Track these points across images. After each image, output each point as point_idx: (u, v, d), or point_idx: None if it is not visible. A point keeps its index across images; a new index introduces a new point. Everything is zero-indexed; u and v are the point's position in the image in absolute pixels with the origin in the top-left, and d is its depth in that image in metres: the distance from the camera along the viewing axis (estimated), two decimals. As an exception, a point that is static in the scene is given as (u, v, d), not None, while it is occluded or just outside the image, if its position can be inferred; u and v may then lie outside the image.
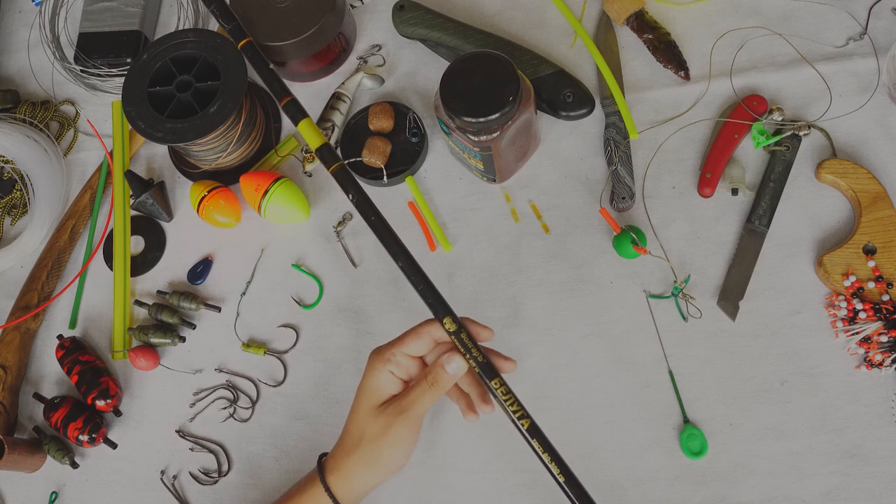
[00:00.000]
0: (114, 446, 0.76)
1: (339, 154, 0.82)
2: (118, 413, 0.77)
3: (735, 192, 0.73)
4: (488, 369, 0.56)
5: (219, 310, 0.80)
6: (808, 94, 0.76)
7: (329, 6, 0.79)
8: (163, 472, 0.75)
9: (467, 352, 0.56)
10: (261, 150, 0.86)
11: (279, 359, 0.77)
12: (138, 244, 0.85)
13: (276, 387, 0.76)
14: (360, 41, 0.89)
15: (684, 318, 0.71)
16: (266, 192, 0.78)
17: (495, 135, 0.69)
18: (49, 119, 0.93)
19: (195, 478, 0.75)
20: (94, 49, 0.92)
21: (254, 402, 0.76)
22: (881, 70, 0.75)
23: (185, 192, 0.86)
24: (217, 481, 0.74)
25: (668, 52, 0.79)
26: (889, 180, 0.71)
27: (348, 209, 0.82)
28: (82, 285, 0.85)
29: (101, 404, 0.76)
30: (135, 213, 0.86)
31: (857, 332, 0.66)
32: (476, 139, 0.70)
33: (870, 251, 0.68)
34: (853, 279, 0.67)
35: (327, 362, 0.76)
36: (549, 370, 0.71)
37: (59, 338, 0.80)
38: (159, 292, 0.82)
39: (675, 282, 0.71)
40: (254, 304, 0.80)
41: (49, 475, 0.78)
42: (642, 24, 0.80)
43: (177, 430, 0.77)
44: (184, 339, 0.79)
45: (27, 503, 0.77)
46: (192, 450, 0.76)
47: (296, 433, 0.74)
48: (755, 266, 0.71)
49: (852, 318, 0.67)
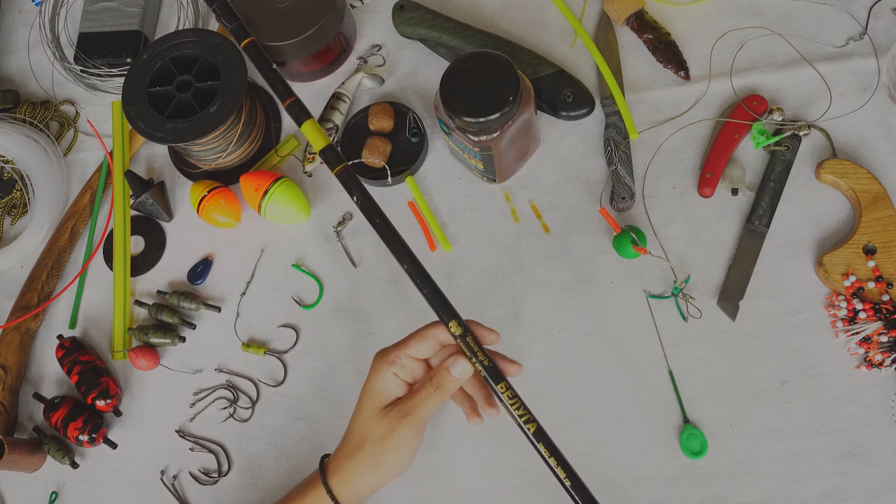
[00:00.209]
0: (114, 446, 0.76)
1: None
2: (118, 413, 0.77)
3: (735, 192, 0.73)
4: (494, 373, 0.55)
5: (219, 310, 0.80)
6: (808, 94, 0.76)
7: (329, 6, 0.79)
8: (163, 472, 0.75)
9: (473, 356, 0.55)
10: (261, 150, 0.86)
11: (279, 359, 0.77)
12: (138, 244, 0.85)
13: (276, 387, 0.76)
14: (360, 41, 0.89)
15: (684, 318, 0.71)
16: (266, 192, 0.78)
17: (495, 135, 0.69)
18: (49, 119, 0.93)
19: (195, 478, 0.75)
20: (94, 49, 0.92)
21: (254, 402, 0.76)
22: (881, 70, 0.75)
23: (185, 192, 0.86)
24: (217, 481, 0.74)
25: (668, 52, 0.79)
26: (889, 180, 0.71)
27: (348, 209, 0.82)
28: (82, 285, 0.85)
29: (101, 404, 0.76)
30: (135, 213, 0.86)
31: (857, 332, 0.66)
32: (476, 139, 0.70)
33: (870, 251, 0.68)
34: (853, 279, 0.67)
35: (327, 362, 0.76)
36: (549, 370, 0.71)
37: (59, 338, 0.80)
38: (159, 292, 0.82)
39: (675, 282, 0.71)
40: (254, 304, 0.80)
41: (49, 475, 0.78)
42: (642, 24, 0.80)
43: (177, 430, 0.77)
44: (184, 339, 0.79)
45: (27, 503, 0.77)
46: (192, 450, 0.76)
47: (296, 433, 0.74)
48: (755, 266, 0.71)
49: (852, 318, 0.67)
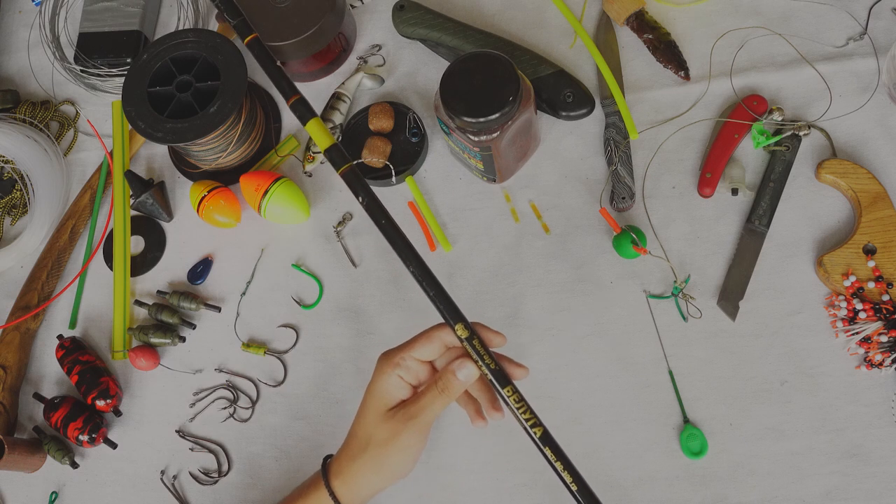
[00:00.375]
0: (114, 446, 0.76)
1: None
2: (118, 413, 0.77)
3: (735, 192, 0.73)
4: (501, 377, 0.54)
5: (219, 310, 0.80)
6: (808, 94, 0.76)
7: (329, 6, 0.79)
8: (163, 472, 0.75)
9: (479, 359, 0.55)
10: (261, 150, 0.86)
11: (279, 359, 0.77)
12: (138, 244, 0.85)
13: (276, 387, 0.76)
14: (360, 41, 0.89)
15: (684, 318, 0.71)
16: (266, 192, 0.78)
17: (495, 135, 0.69)
18: (49, 119, 0.93)
19: (195, 478, 0.75)
20: (94, 49, 0.92)
21: (254, 402, 0.76)
22: (881, 70, 0.75)
23: (185, 192, 0.86)
24: (217, 481, 0.74)
25: (668, 52, 0.79)
26: (889, 180, 0.71)
27: (348, 209, 0.82)
28: (82, 285, 0.85)
29: (101, 404, 0.76)
30: (135, 213, 0.86)
31: (857, 332, 0.66)
32: (476, 139, 0.70)
33: (870, 251, 0.68)
34: (853, 279, 0.67)
35: (327, 362, 0.76)
36: (549, 370, 0.71)
37: (59, 338, 0.80)
38: (159, 292, 0.82)
39: (675, 282, 0.71)
40: (254, 304, 0.80)
41: (49, 475, 0.78)
42: (642, 24, 0.80)
43: (177, 430, 0.77)
44: (184, 339, 0.79)
45: (27, 503, 0.77)
46: (192, 450, 0.76)
47: (296, 433, 0.74)
48: (755, 266, 0.71)
49: (852, 318, 0.67)
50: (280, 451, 0.74)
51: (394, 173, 0.79)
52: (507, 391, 0.54)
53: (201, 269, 0.82)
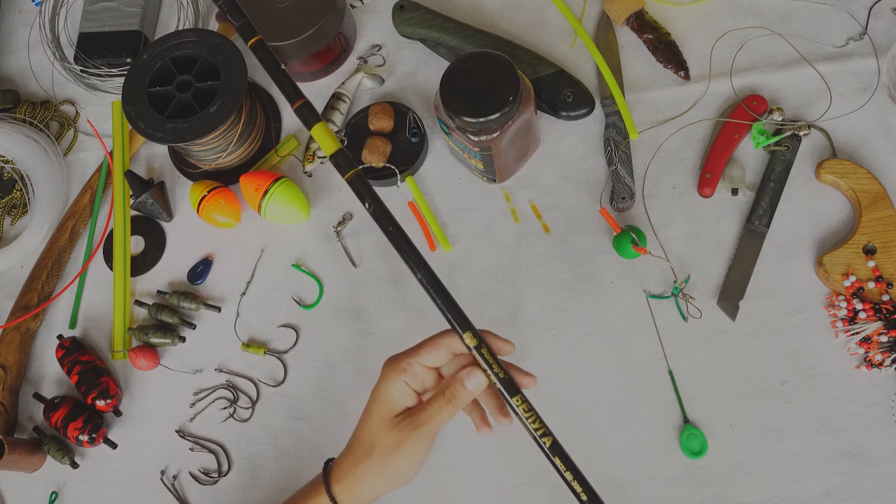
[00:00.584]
0: (114, 446, 0.76)
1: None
2: (118, 413, 0.77)
3: (735, 192, 0.73)
4: (510, 386, 0.54)
5: (219, 310, 0.80)
6: (808, 94, 0.76)
7: (329, 6, 0.79)
8: (163, 472, 0.75)
9: (488, 367, 0.54)
10: (261, 150, 0.86)
11: (279, 359, 0.77)
12: (138, 244, 0.85)
13: (276, 387, 0.76)
14: (360, 41, 0.89)
15: (684, 318, 0.71)
16: (266, 192, 0.78)
17: (495, 135, 0.69)
18: (49, 119, 0.93)
19: (195, 478, 0.75)
20: (94, 49, 0.92)
21: (254, 402, 0.76)
22: (881, 70, 0.75)
23: (185, 192, 0.86)
24: (217, 481, 0.74)
25: (668, 52, 0.79)
26: (889, 180, 0.71)
27: (348, 209, 0.82)
28: (82, 285, 0.85)
29: (101, 404, 0.76)
30: (135, 213, 0.86)
31: (857, 332, 0.66)
32: (476, 139, 0.70)
33: (870, 251, 0.68)
34: (853, 279, 0.67)
35: (327, 362, 0.76)
36: (549, 370, 0.71)
37: (59, 338, 0.80)
38: (159, 292, 0.82)
39: (675, 282, 0.71)
40: (254, 304, 0.80)
41: (49, 475, 0.78)
42: (642, 24, 0.80)
43: (177, 430, 0.77)
44: (184, 339, 0.79)
45: (27, 503, 0.77)
46: (192, 450, 0.76)
47: (296, 433, 0.74)
48: (755, 266, 0.71)
49: (852, 318, 0.67)
50: (280, 451, 0.74)
51: (399, 176, 0.79)
52: (517, 400, 0.53)
53: (201, 269, 0.82)
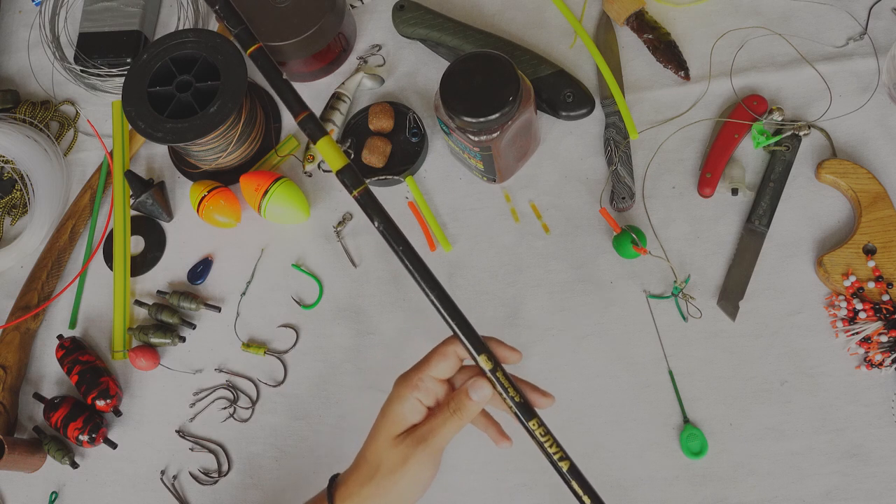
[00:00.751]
0: (114, 446, 0.76)
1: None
2: (118, 413, 0.77)
3: (735, 192, 0.73)
4: (525, 410, 0.52)
5: (219, 310, 0.80)
6: (808, 94, 0.76)
7: (329, 6, 0.79)
8: (163, 472, 0.75)
9: (504, 392, 0.52)
10: (261, 150, 0.86)
11: (279, 359, 0.77)
12: (138, 244, 0.85)
13: (276, 387, 0.76)
14: (360, 41, 0.89)
15: (684, 318, 0.71)
16: (266, 192, 0.78)
17: (495, 135, 0.69)
18: (49, 119, 0.93)
19: (195, 478, 0.75)
20: (94, 49, 0.92)
21: (254, 402, 0.76)
22: (881, 70, 0.75)
23: (185, 192, 0.86)
24: (217, 481, 0.74)
25: (668, 52, 0.79)
26: (889, 180, 0.71)
27: (348, 209, 0.82)
28: (82, 285, 0.85)
29: (101, 404, 0.76)
30: (135, 213, 0.86)
31: (857, 332, 0.66)
32: (476, 139, 0.70)
33: (870, 251, 0.68)
34: (853, 279, 0.67)
35: (327, 362, 0.76)
36: (549, 370, 0.71)
37: (59, 338, 0.80)
38: (159, 292, 0.82)
39: (675, 282, 0.71)
40: (254, 304, 0.80)
41: (49, 475, 0.78)
42: (642, 24, 0.80)
43: (177, 430, 0.77)
44: (184, 339, 0.79)
45: (27, 503, 0.77)
46: (192, 450, 0.76)
47: (296, 433, 0.74)
48: (755, 266, 0.71)
49: (852, 318, 0.67)
50: (280, 451, 0.74)
51: (388, 176, 0.78)
52: (533, 424, 0.52)
53: (201, 269, 0.82)
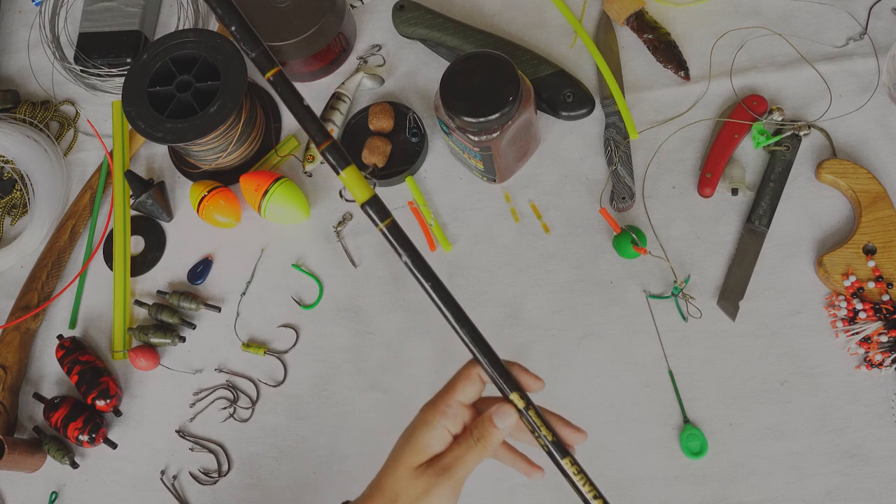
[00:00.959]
0: (114, 446, 0.76)
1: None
2: (118, 413, 0.77)
3: (735, 192, 0.73)
4: (559, 448, 0.51)
5: (219, 310, 0.80)
6: (808, 94, 0.76)
7: (329, 6, 0.79)
8: (163, 472, 0.75)
9: (535, 430, 0.51)
10: (261, 150, 0.86)
11: (279, 359, 0.77)
12: (138, 244, 0.85)
13: (276, 387, 0.76)
14: (360, 41, 0.89)
15: (684, 318, 0.71)
16: (266, 192, 0.78)
17: (495, 135, 0.69)
18: (49, 119, 0.93)
19: (195, 478, 0.75)
20: (94, 49, 0.92)
21: (254, 402, 0.76)
22: (881, 70, 0.75)
23: (185, 192, 0.86)
24: (217, 481, 0.74)
25: (668, 52, 0.79)
26: (889, 180, 0.71)
27: (348, 209, 0.82)
28: (82, 285, 0.85)
29: (101, 404, 0.76)
30: (135, 213, 0.86)
31: (857, 332, 0.66)
32: (476, 139, 0.70)
33: (870, 251, 0.68)
34: (853, 279, 0.67)
35: (327, 362, 0.76)
36: (549, 370, 0.71)
37: (59, 338, 0.80)
38: (159, 292, 0.82)
39: (675, 282, 0.71)
40: (254, 304, 0.80)
41: (49, 475, 0.78)
42: (642, 24, 0.80)
43: (177, 430, 0.77)
44: (184, 339, 0.79)
45: (27, 503, 0.77)
46: (192, 450, 0.76)
47: (296, 433, 0.74)
48: (755, 266, 0.71)
49: (852, 318, 0.67)
50: (280, 451, 0.74)
51: (378, 177, 0.79)
52: (567, 462, 0.51)
53: (201, 269, 0.82)
